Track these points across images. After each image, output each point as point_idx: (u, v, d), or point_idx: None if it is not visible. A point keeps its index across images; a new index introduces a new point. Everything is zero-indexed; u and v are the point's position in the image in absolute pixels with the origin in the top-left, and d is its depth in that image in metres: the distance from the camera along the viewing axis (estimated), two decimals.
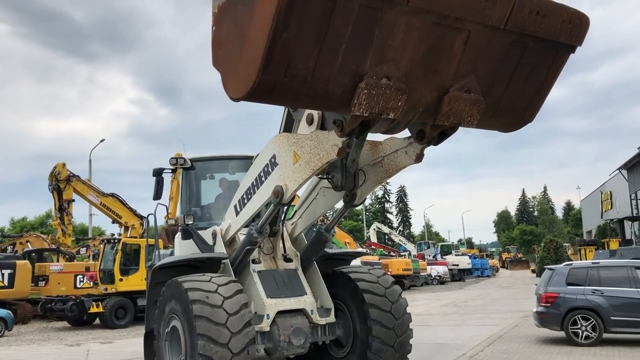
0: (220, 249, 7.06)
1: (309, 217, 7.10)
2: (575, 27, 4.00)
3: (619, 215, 40.12)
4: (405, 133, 5.09)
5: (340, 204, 6.51)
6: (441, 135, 4.84)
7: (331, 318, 7.00)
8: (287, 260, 7.19)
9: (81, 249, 29.35)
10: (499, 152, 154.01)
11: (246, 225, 6.66)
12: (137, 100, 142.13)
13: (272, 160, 5.74)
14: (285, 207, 6.86)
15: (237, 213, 6.68)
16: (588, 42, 4.08)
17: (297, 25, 3.08)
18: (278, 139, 5.70)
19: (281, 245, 7.24)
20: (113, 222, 24.63)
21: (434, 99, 3.97)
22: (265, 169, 5.86)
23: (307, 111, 5.51)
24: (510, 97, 4.27)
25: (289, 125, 6.50)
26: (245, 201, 6.42)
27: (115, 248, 19.02)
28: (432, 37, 3.58)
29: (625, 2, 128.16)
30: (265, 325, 6.41)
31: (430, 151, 5.19)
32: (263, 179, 5.94)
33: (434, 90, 3.93)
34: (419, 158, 5.26)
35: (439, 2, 3.39)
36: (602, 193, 52.66)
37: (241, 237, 6.95)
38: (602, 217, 50.43)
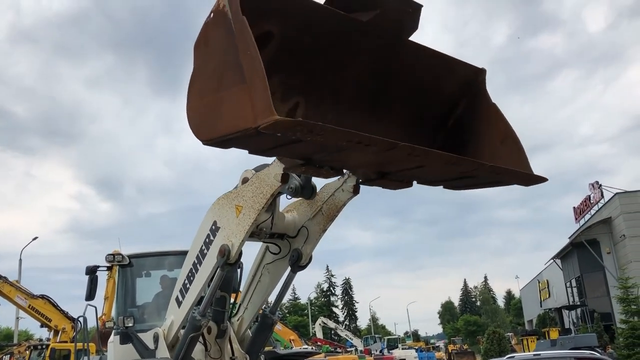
0: (162, 353, 6.64)
1: (255, 305, 6.84)
2: (530, 182, 4.17)
3: (557, 304, 41.24)
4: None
5: (284, 278, 6.33)
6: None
7: None
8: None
9: (4, 356, 27.17)
10: (440, 241, 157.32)
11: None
12: (76, 194, 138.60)
13: (213, 227, 5.49)
14: (230, 304, 6.65)
15: (179, 304, 6.30)
16: (519, 136, 4.30)
17: (259, 142, 3.12)
18: (217, 203, 5.52)
19: (229, 347, 6.94)
20: (42, 326, 23.15)
21: (368, 179, 4.19)
22: (207, 239, 5.59)
23: (242, 176, 5.46)
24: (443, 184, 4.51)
25: None
26: (188, 286, 6.05)
27: (42, 355, 17.79)
28: (388, 161, 3.72)
29: (547, 101, 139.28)
30: None
31: (373, 240, 5.21)
32: (205, 251, 5.63)
33: (373, 174, 4.13)
34: (356, 190, 5.21)
35: (405, 160, 3.52)
36: (539, 282, 54.23)
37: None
38: (541, 306, 51.61)
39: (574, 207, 41.52)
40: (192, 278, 5.99)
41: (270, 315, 6.88)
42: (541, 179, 4.09)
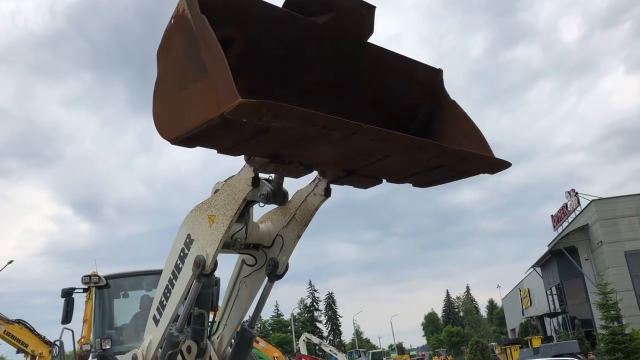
0: None
1: (234, 321, 6.64)
2: (494, 168, 4.18)
3: (538, 312, 41.53)
4: (309, 179, 5.14)
5: (261, 290, 6.26)
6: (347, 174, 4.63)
7: None
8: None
9: None
10: (422, 253, 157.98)
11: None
12: (54, 216, 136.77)
13: (187, 240, 5.35)
14: (209, 322, 6.54)
15: (157, 323, 5.97)
16: (498, 148, 4.37)
17: (227, 131, 3.14)
18: (190, 214, 5.40)
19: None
20: (18, 352, 22.51)
21: (337, 176, 4.30)
22: (182, 253, 5.42)
23: (214, 188, 5.41)
24: (410, 181, 4.50)
25: None
26: (165, 303, 5.81)
27: None
28: (354, 151, 3.72)
29: (526, 112, 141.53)
30: None
31: (356, 253, 5.16)
32: (181, 265, 5.46)
33: (341, 172, 4.23)
34: (327, 193, 5.13)
35: (370, 146, 3.52)
36: (520, 290, 54.61)
37: None
38: (523, 314, 51.90)
39: (552, 215, 42.05)
40: (168, 295, 5.78)
41: (249, 330, 6.75)
42: (506, 164, 4.13)
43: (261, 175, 4.82)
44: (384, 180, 4.38)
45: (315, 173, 4.96)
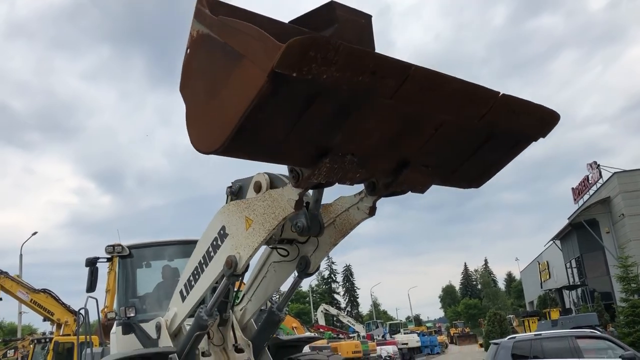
0: (165, 342, 6.62)
1: (259, 299, 6.79)
2: (545, 123, 4.11)
3: (557, 285, 41.37)
4: (355, 189, 5.00)
5: (290, 280, 6.27)
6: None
7: None
8: (239, 350, 6.81)
9: (8, 351, 27.23)
10: (441, 227, 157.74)
11: (193, 313, 6.32)
12: (76, 189, 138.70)
13: (222, 232, 5.38)
14: (234, 292, 6.64)
15: (183, 299, 6.28)
16: None
17: (275, 108, 3.03)
18: (227, 208, 5.39)
19: (231, 334, 6.89)
20: (45, 320, 23.19)
21: (392, 169, 4.04)
22: (215, 242, 5.49)
23: (255, 179, 5.31)
24: (465, 170, 4.35)
25: (234, 198, 6.06)
26: (193, 283, 6.02)
27: (46, 348, 17.83)
28: (405, 122, 3.60)
29: (548, 83, 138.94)
30: None
31: (374, 227, 5.08)
32: (212, 254, 5.55)
33: (394, 162, 3.99)
34: (372, 211, 5.05)
35: (421, 99, 3.34)
36: (539, 263, 54.41)
37: (187, 328, 6.58)
38: (541, 287, 51.82)
39: (573, 188, 41.54)
40: (197, 277, 5.95)
41: (277, 313, 6.82)
42: (556, 116, 4.07)
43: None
44: (439, 180, 4.27)
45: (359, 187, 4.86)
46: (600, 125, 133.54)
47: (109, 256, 7.91)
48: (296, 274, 6.07)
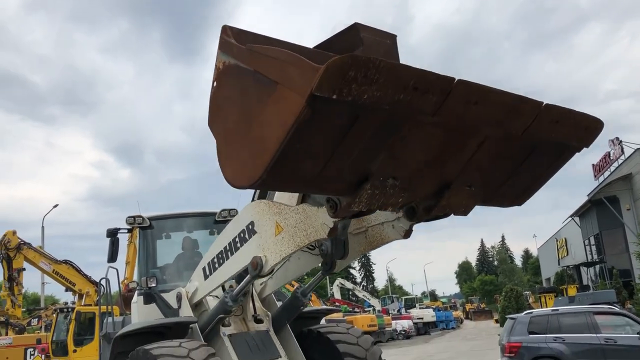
0: (186, 312, 6.75)
1: (279, 280, 6.81)
2: (589, 132, 3.98)
3: (575, 262, 41.16)
4: None
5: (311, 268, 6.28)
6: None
7: None
8: (258, 321, 6.91)
9: (32, 320, 27.97)
10: None
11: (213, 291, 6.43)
12: (96, 162, 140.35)
13: (250, 227, 5.35)
14: None
15: (205, 277, 6.37)
16: (543, 94, 4.07)
17: (314, 134, 2.88)
18: (258, 205, 5.32)
19: (251, 305, 6.97)
20: (66, 290, 23.70)
21: (433, 192, 3.83)
22: (242, 234, 5.49)
23: None
24: (509, 187, 4.21)
25: (263, 193, 6.03)
26: (216, 265, 6.09)
27: (68, 317, 18.22)
28: (448, 140, 3.43)
29: (572, 57, 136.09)
30: None
31: None
32: (238, 245, 5.58)
33: (436, 184, 3.79)
34: (407, 234, 4.80)
35: (464, 115, 3.20)
36: (557, 240, 54.06)
37: (209, 300, 6.73)
38: (559, 264, 51.56)
39: (593, 164, 40.97)
40: (221, 261, 6.01)
41: (301, 298, 6.87)
42: (599, 124, 3.93)
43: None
44: (482, 200, 4.11)
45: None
46: (624, 100, 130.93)
47: (129, 227, 8.00)
48: (320, 270, 6.04)
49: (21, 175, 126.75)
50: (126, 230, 8.12)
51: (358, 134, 2.99)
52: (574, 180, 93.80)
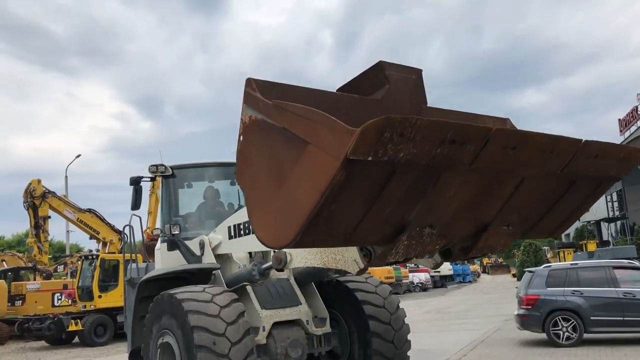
0: (209, 259, 6.87)
1: (303, 259, 6.82)
2: (628, 162, 3.91)
3: (596, 217, 40.86)
4: None
5: None
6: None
7: (327, 328, 6.84)
8: (279, 270, 7.06)
9: (58, 266, 28.82)
10: None
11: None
12: (117, 114, 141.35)
13: None
14: None
15: (230, 236, 6.50)
16: (568, 48, 3.93)
17: (349, 195, 2.78)
18: None
19: (272, 252, 7.11)
20: (91, 238, 24.29)
21: (471, 234, 3.75)
22: None
23: None
24: (545, 222, 4.15)
25: None
26: (242, 233, 6.22)
27: (93, 264, 18.73)
28: (485, 185, 3.36)
29: (600, 8, 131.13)
30: (261, 338, 6.23)
31: None
32: None
33: (473, 227, 3.70)
34: (436, 266, 4.73)
35: (503, 161, 3.12)
36: None
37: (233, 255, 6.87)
38: (579, 220, 51.19)
39: (620, 119, 40.05)
40: (247, 231, 6.19)
41: (328, 273, 6.85)
42: (638, 152, 3.85)
43: None
44: (519, 236, 4.01)
45: None
46: None
47: (152, 175, 8.07)
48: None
49: (44, 126, 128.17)
50: (149, 179, 8.19)
51: (394, 189, 2.91)
52: (599, 135, 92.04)
